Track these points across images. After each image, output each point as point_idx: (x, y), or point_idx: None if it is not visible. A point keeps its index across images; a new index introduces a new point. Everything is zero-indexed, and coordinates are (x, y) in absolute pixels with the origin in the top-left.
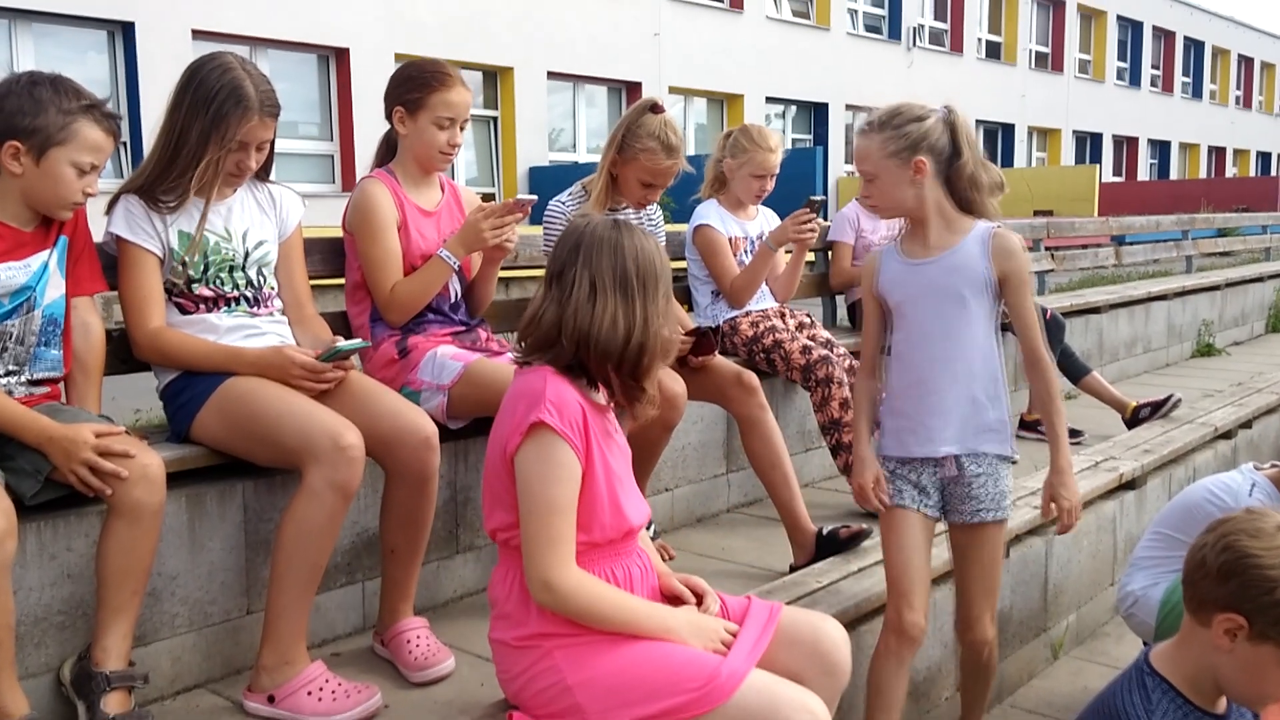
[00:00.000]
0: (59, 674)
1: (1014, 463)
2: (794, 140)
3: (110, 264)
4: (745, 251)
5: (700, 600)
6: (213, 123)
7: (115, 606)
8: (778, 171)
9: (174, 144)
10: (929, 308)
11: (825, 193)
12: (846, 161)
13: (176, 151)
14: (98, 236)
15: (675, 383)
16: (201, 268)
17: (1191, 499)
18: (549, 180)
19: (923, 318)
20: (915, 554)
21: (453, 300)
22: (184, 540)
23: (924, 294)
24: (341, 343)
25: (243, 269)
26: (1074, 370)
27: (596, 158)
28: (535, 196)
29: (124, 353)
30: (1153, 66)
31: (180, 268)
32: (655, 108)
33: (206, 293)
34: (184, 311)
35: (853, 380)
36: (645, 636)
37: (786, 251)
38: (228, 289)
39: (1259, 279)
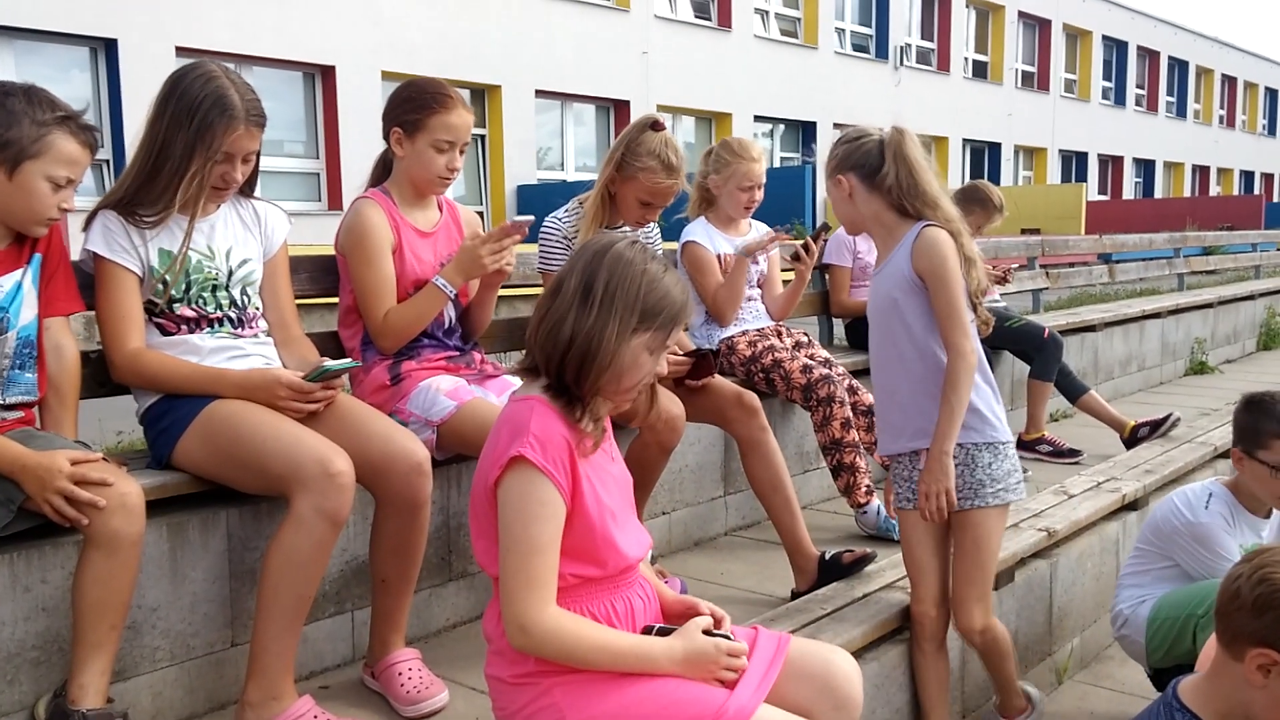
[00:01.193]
0: (33, 712)
1: (1005, 443)
2: (782, 159)
3: (88, 283)
4: None
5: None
6: (197, 134)
7: (92, 641)
8: (764, 181)
9: (155, 156)
10: (875, 313)
11: (815, 211)
12: None
13: (159, 164)
14: (75, 254)
15: (674, 404)
16: (184, 287)
17: (1160, 512)
18: (537, 198)
19: (874, 323)
20: (917, 548)
21: (447, 325)
22: (165, 570)
23: (872, 300)
24: (330, 363)
25: (226, 288)
26: (1072, 389)
27: (585, 176)
28: (531, 217)
29: (102, 375)
30: (1137, 86)
31: (161, 287)
32: (656, 125)
33: (189, 313)
34: (165, 333)
35: (854, 400)
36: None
37: (785, 270)
38: (211, 309)
39: (1250, 297)
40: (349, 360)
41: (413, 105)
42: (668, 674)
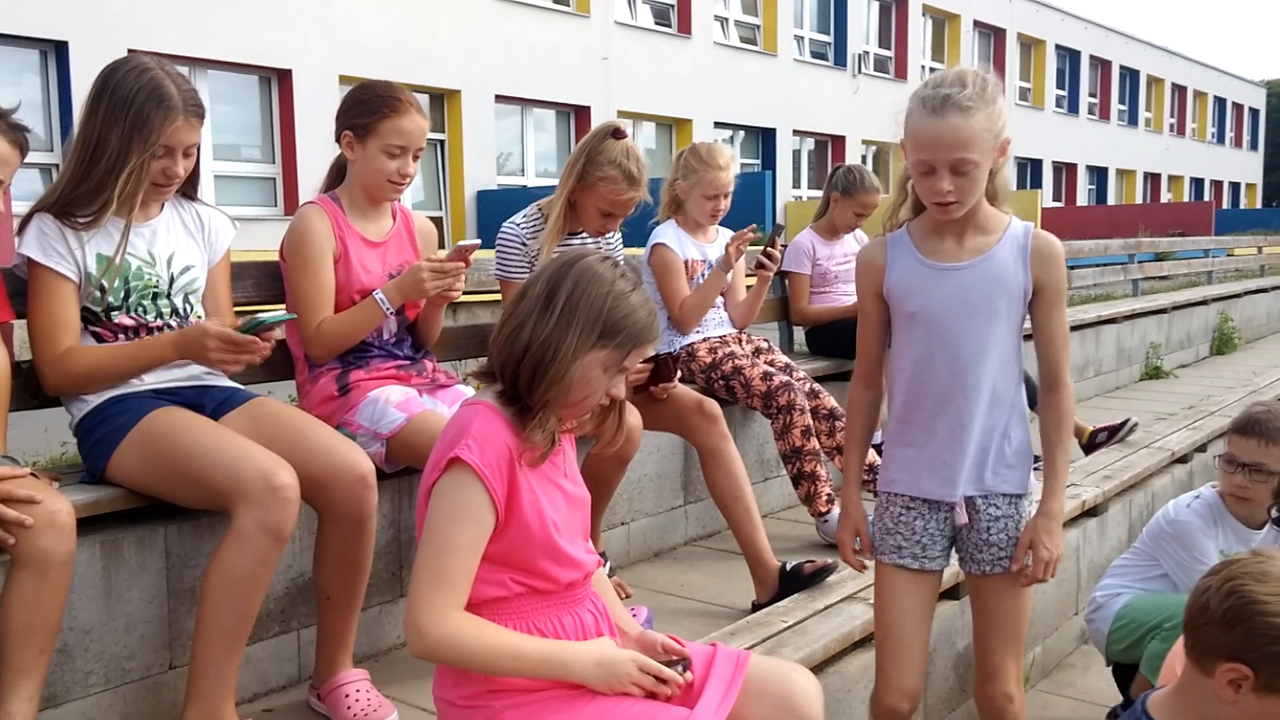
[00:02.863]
0: None
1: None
2: (743, 165)
3: (20, 290)
4: (702, 275)
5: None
6: (134, 127)
7: (20, 666)
8: (731, 190)
9: (91, 154)
10: (959, 321)
11: (775, 217)
12: (794, 185)
13: (94, 161)
14: (7, 260)
15: (631, 415)
16: (122, 294)
17: (1157, 520)
18: (497, 204)
19: (951, 332)
20: (903, 625)
21: (394, 337)
22: (98, 591)
23: (953, 305)
24: (264, 315)
25: (168, 296)
26: (1030, 395)
27: (546, 182)
28: (479, 241)
29: (33, 387)
30: (1090, 94)
31: (98, 294)
32: (617, 133)
33: (127, 321)
34: (102, 342)
35: (815, 404)
36: (546, 681)
37: (749, 276)
38: (150, 318)
39: (1203, 302)
40: (283, 312)
41: (364, 109)
42: (579, 681)
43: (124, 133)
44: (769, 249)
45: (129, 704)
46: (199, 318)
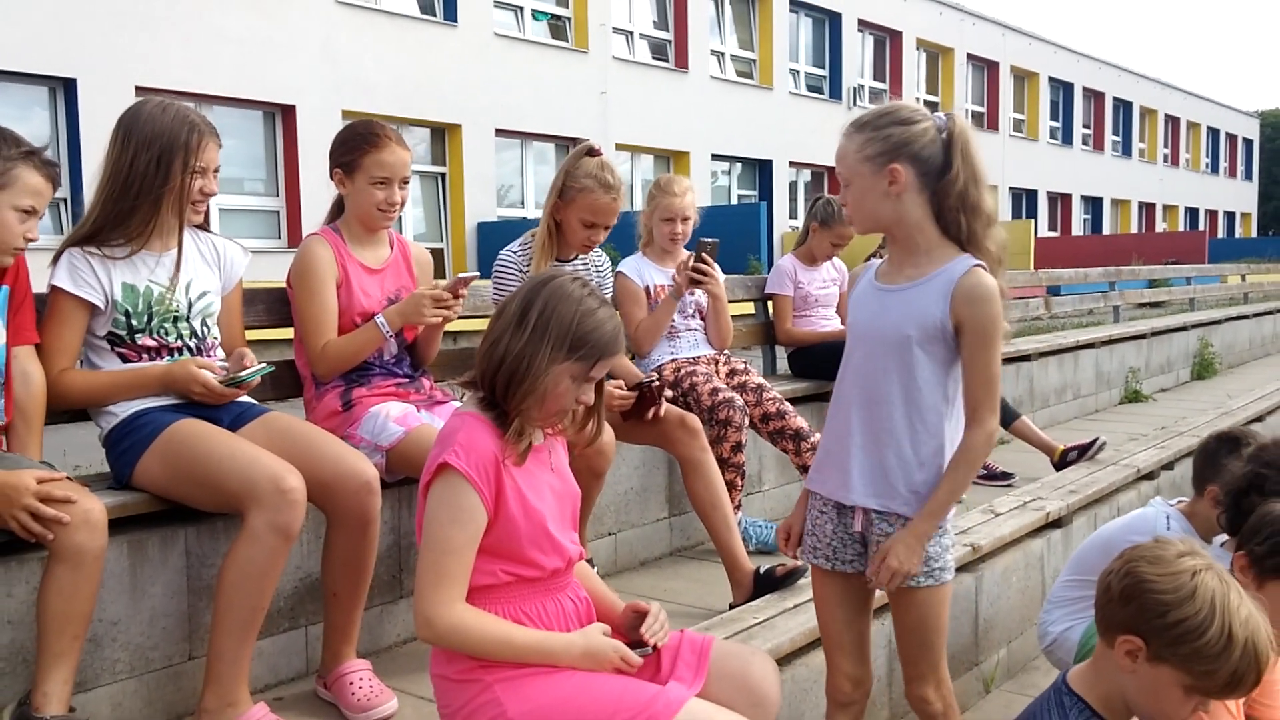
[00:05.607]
0: None
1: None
2: (739, 196)
3: None
4: None
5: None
6: (171, 151)
7: (56, 652)
8: (690, 216)
9: (122, 185)
10: (871, 339)
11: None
12: (791, 217)
13: (125, 191)
14: (38, 287)
15: (604, 431)
16: (145, 318)
17: (1110, 541)
18: (497, 235)
19: (866, 348)
20: (830, 617)
21: (395, 357)
22: (125, 586)
23: (872, 325)
24: (243, 373)
25: (187, 319)
26: (1005, 415)
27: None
28: (477, 274)
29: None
30: (1084, 126)
31: (123, 318)
32: (592, 151)
33: (150, 343)
34: (127, 361)
35: (781, 424)
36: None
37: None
38: (171, 339)
39: (1183, 328)
40: (262, 366)
41: (348, 147)
42: (566, 667)
43: (160, 159)
44: (697, 264)
45: (152, 690)
46: (215, 339)
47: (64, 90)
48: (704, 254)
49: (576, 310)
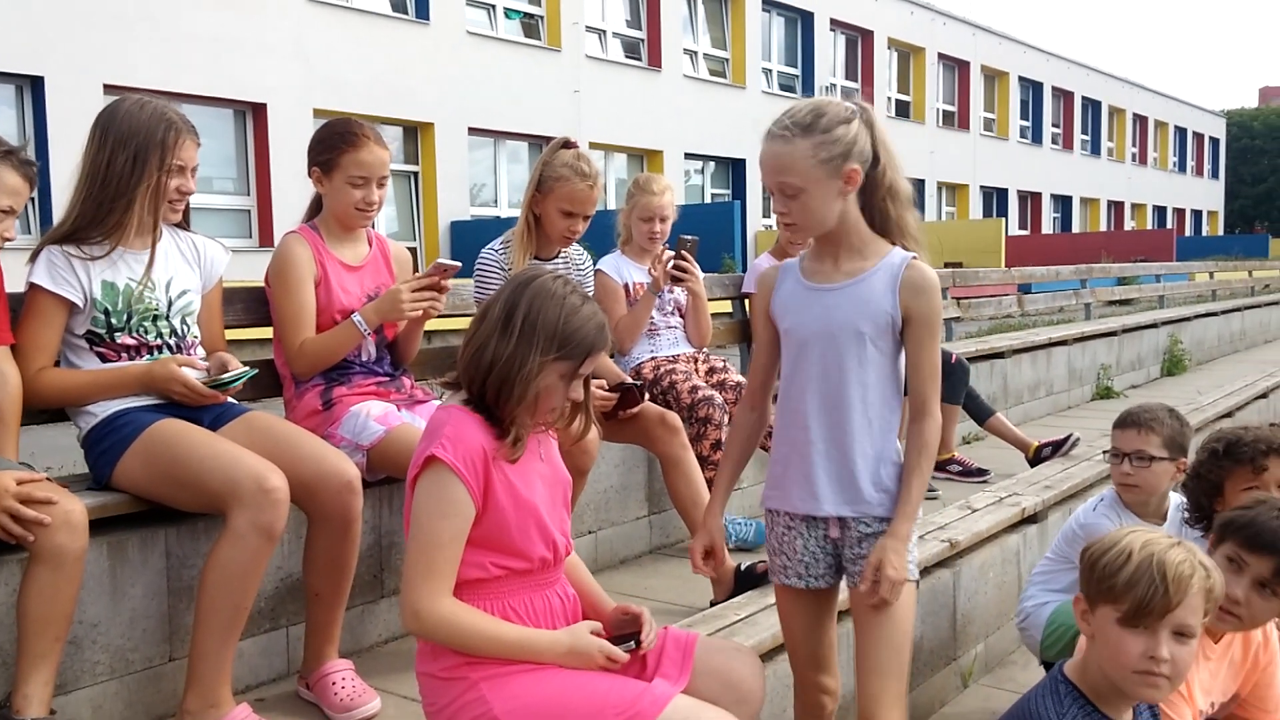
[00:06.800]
0: None
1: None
2: (713, 195)
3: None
4: None
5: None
6: (148, 149)
7: (37, 653)
8: (669, 215)
9: (100, 182)
10: (824, 341)
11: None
12: (764, 215)
13: (103, 189)
14: (12, 287)
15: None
16: (125, 317)
17: (1068, 524)
18: (471, 234)
19: (817, 351)
20: (803, 635)
21: (373, 357)
22: (106, 587)
23: (819, 324)
24: (226, 375)
25: (166, 318)
26: (979, 412)
27: (519, 212)
28: (459, 264)
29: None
30: (1053, 125)
31: (102, 316)
32: (567, 144)
33: (129, 341)
34: (106, 361)
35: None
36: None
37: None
38: (151, 337)
39: (1154, 325)
40: (243, 370)
41: (326, 145)
42: (552, 664)
43: (136, 157)
44: (678, 261)
45: (133, 692)
46: (195, 337)
47: (31, 88)
48: (684, 251)
49: (561, 308)
